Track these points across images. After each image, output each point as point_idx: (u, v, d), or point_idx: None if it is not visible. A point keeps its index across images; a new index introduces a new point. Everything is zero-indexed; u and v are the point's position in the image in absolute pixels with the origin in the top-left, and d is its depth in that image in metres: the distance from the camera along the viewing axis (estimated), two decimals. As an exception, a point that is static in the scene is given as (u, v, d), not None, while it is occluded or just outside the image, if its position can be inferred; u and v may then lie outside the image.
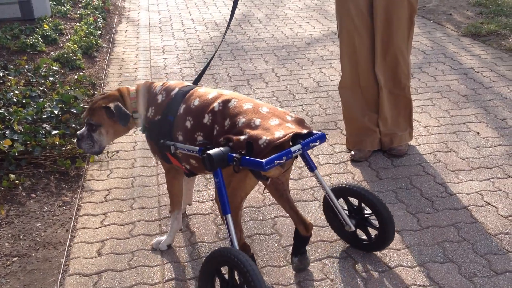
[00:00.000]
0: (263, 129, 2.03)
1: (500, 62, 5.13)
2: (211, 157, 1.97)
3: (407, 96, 3.43)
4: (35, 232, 2.83)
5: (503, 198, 2.96)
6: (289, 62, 5.37)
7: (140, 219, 2.91)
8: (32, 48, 5.46)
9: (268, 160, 1.92)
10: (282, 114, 2.15)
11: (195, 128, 2.22)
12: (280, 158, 1.96)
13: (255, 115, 2.09)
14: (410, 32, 3.29)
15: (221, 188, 2.06)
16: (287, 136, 2.00)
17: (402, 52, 3.28)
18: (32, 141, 3.49)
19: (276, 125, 2.06)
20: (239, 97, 2.22)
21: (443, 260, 2.49)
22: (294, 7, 7.77)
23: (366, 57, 3.33)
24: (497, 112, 4.03)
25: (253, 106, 2.15)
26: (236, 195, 2.16)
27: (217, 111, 2.17)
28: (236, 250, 1.98)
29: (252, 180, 2.13)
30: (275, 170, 2.05)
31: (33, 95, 4.19)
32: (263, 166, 1.90)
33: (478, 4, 7.28)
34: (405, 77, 3.36)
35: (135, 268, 2.53)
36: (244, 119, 2.08)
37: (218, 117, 2.16)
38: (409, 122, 3.51)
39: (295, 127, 2.10)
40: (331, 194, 2.38)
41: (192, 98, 2.29)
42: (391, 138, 3.47)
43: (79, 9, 7.42)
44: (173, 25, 7.02)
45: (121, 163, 3.53)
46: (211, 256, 2.05)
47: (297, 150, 2.03)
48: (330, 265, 2.49)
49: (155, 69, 5.31)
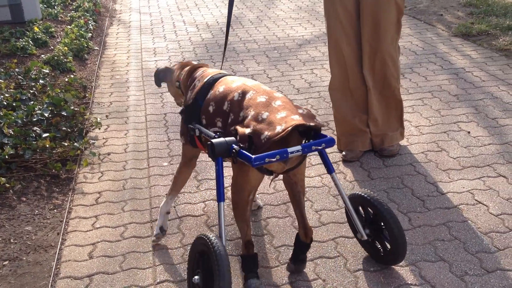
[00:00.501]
0: (268, 123, 2.04)
1: (491, 61, 5.16)
2: (213, 146, 2.06)
3: (397, 97, 3.44)
4: (26, 236, 2.81)
5: (494, 196, 2.97)
6: (281, 63, 5.37)
7: (132, 221, 2.91)
8: (22, 51, 5.43)
9: (258, 156, 1.95)
10: (294, 108, 2.15)
11: (216, 114, 2.30)
12: (273, 156, 1.97)
13: (265, 108, 2.11)
14: (397, 35, 3.30)
15: (219, 177, 2.15)
16: (286, 130, 1.99)
17: (390, 55, 3.29)
18: (23, 144, 3.47)
19: (281, 117, 2.06)
20: (258, 89, 2.25)
21: (434, 259, 2.50)
22: (286, 8, 7.79)
23: (354, 59, 3.34)
24: (488, 112, 4.05)
25: (267, 99, 2.16)
26: (243, 189, 2.22)
27: (235, 101, 2.24)
28: (213, 235, 2.04)
29: (256, 173, 2.17)
30: (277, 165, 2.09)
31: (23, 98, 4.17)
32: (252, 162, 1.95)
33: (469, 4, 7.32)
34: (394, 80, 3.37)
35: (127, 270, 2.52)
36: (254, 112, 2.12)
37: (235, 106, 2.22)
38: (400, 122, 3.52)
39: (302, 118, 2.07)
40: (346, 198, 2.37)
41: (220, 85, 2.39)
42: (382, 138, 3.48)
43: (70, 12, 7.40)
44: (165, 27, 7.01)
45: (113, 165, 3.51)
46: (194, 241, 2.14)
47: (295, 151, 2.03)
48: (322, 265, 2.49)
49: (147, 71, 5.30)
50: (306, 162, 2.39)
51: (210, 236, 2.04)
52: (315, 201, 3.01)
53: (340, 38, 3.31)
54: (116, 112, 4.37)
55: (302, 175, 2.36)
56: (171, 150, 3.67)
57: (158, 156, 3.61)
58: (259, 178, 2.22)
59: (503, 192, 3.01)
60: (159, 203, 3.04)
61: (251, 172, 2.16)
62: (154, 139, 3.85)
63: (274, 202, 3.02)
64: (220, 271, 1.94)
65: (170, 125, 4.06)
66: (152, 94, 4.70)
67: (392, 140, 3.49)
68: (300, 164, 2.22)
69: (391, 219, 2.29)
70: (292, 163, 2.15)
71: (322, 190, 3.11)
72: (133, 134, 3.96)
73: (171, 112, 4.30)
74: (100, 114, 4.30)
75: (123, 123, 4.15)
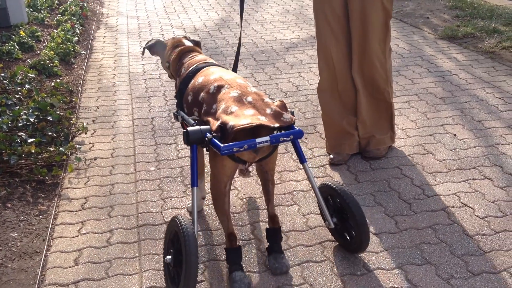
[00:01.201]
0: (235, 115, 2.17)
1: (477, 64, 5.20)
2: (187, 133, 2.19)
3: (387, 100, 3.45)
4: (11, 242, 2.79)
5: (480, 199, 2.99)
6: (268, 67, 5.38)
7: (118, 227, 2.89)
8: (8, 56, 5.39)
9: (226, 145, 2.09)
10: (263, 106, 2.26)
11: (193, 104, 2.45)
12: (240, 146, 2.10)
13: (235, 103, 2.24)
14: (386, 37, 3.30)
15: (193, 163, 2.31)
16: (250, 125, 2.10)
17: (378, 57, 3.30)
18: (8, 150, 3.44)
19: (248, 115, 2.18)
20: (232, 83, 2.36)
21: (421, 262, 2.50)
22: (273, 11, 7.80)
23: (343, 61, 3.34)
24: (474, 114, 4.08)
25: (239, 94, 2.29)
26: (219, 180, 2.34)
27: (210, 93, 2.36)
28: (184, 218, 2.18)
29: (229, 163, 2.28)
30: (248, 155, 2.24)
31: (8, 103, 4.13)
32: (220, 150, 2.08)
33: (455, 7, 7.38)
34: (383, 82, 3.38)
35: (113, 277, 2.50)
36: (225, 105, 2.24)
37: (209, 99, 2.34)
38: (391, 125, 3.53)
39: (268, 120, 2.20)
40: (315, 187, 2.50)
41: (200, 76, 2.51)
42: (369, 140, 3.49)
43: (56, 16, 7.35)
44: (152, 30, 6.99)
45: (99, 170, 3.49)
46: (168, 223, 2.30)
47: (263, 141, 2.15)
48: (309, 270, 2.49)
49: (134, 75, 5.28)
50: (277, 153, 2.52)
51: (180, 218, 2.19)
52: (302, 205, 3.01)
53: (329, 40, 3.32)
54: (102, 116, 4.34)
55: (273, 165, 2.49)
56: (158, 155, 3.66)
57: (145, 160, 3.59)
58: (233, 167, 2.33)
59: (489, 194, 3.03)
60: (146, 208, 3.03)
61: (225, 161, 2.27)
62: (141, 144, 3.83)
63: (261, 207, 3.02)
64: (187, 251, 2.06)
65: (157, 129, 4.05)
66: (139, 98, 4.68)
67: (379, 143, 3.50)
68: (271, 155, 2.36)
69: (354, 208, 2.40)
70: (263, 153, 2.30)
71: (309, 194, 3.11)
72: (120, 138, 3.94)
73: (158, 116, 4.28)
74: (87, 119, 4.28)
75: (110, 128, 4.13)
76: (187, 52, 2.80)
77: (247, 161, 2.31)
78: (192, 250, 2.07)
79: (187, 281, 2.06)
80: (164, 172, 3.42)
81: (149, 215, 2.97)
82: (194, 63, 2.66)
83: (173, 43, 2.87)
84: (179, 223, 2.16)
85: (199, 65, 2.62)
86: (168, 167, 3.48)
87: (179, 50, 2.80)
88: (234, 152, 2.12)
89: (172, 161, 3.57)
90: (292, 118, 2.28)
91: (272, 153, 2.36)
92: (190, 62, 2.68)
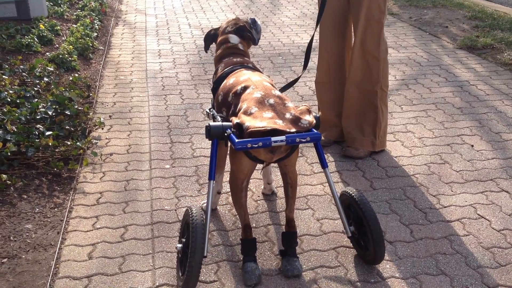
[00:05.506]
0: (253, 117, 2.23)
1: (495, 75, 5.16)
2: (209, 128, 2.28)
3: (373, 102, 3.48)
4: (26, 234, 2.80)
5: (496, 211, 2.96)
6: (285, 70, 5.37)
7: (132, 223, 2.89)
8: (27, 48, 5.43)
9: (241, 141, 2.13)
10: (282, 110, 2.30)
11: (223, 103, 2.53)
12: (255, 142, 2.13)
13: (257, 104, 2.29)
14: (380, 36, 3.36)
15: (213, 157, 2.39)
16: (263, 128, 2.15)
17: (372, 53, 3.38)
18: (25, 142, 3.46)
19: (266, 117, 2.22)
20: (258, 84, 2.42)
21: (435, 273, 2.48)
22: (291, 15, 7.79)
23: (337, 57, 3.56)
24: (492, 126, 4.05)
25: (262, 95, 2.34)
26: (236, 177, 2.41)
27: (237, 94, 2.43)
28: (196, 208, 2.28)
29: (247, 161, 2.33)
30: (265, 154, 2.27)
31: (27, 95, 4.16)
32: (235, 145, 2.14)
33: (474, 18, 7.33)
34: (371, 82, 3.45)
35: (126, 272, 2.50)
36: (246, 105, 2.30)
37: (237, 99, 2.42)
38: (373, 130, 3.55)
39: (285, 124, 2.22)
40: (335, 194, 2.51)
41: (232, 77, 2.59)
42: (348, 136, 3.61)
43: (75, 10, 7.40)
44: (170, 29, 7.01)
45: (115, 166, 3.50)
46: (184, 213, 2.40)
47: (279, 140, 2.16)
48: (323, 275, 2.48)
49: (151, 73, 5.29)
50: (298, 154, 2.52)
51: (193, 208, 2.28)
52: (317, 210, 3.00)
53: (327, 35, 3.52)
54: (119, 112, 4.36)
55: (292, 167, 2.48)
56: (173, 153, 3.66)
57: (160, 158, 3.60)
58: (249, 166, 2.38)
59: (506, 207, 3.00)
60: (160, 205, 3.04)
61: (242, 159, 2.33)
62: (156, 141, 3.84)
63: (275, 209, 3.01)
64: (193, 239, 2.15)
65: (173, 128, 4.05)
66: (155, 96, 4.70)
67: (354, 141, 3.57)
68: (290, 156, 2.37)
69: (371, 223, 2.38)
70: (280, 154, 2.31)
71: (324, 199, 3.10)
72: (136, 135, 3.96)
73: (174, 114, 4.29)
74: (104, 114, 4.29)
75: (126, 124, 4.14)
76: (229, 49, 2.88)
77: (264, 161, 2.35)
78: (199, 237, 2.16)
79: (191, 268, 2.16)
80: (179, 171, 3.43)
81: (163, 213, 2.98)
82: (230, 64, 2.75)
83: (220, 41, 2.94)
84: (190, 212, 2.26)
85: (235, 67, 2.71)
86: (183, 166, 3.49)
87: (223, 49, 2.89)
88: (248, 148, 2.15)
89: (187, 159, 3.57)
90: (311, 122, 2.27)
91: (291, 154, 2.37)
92: (228, 62, 2.77)
